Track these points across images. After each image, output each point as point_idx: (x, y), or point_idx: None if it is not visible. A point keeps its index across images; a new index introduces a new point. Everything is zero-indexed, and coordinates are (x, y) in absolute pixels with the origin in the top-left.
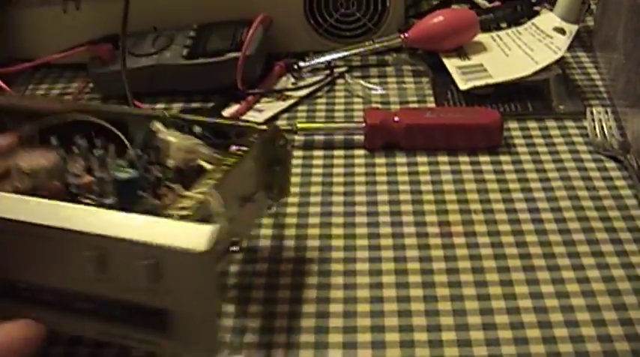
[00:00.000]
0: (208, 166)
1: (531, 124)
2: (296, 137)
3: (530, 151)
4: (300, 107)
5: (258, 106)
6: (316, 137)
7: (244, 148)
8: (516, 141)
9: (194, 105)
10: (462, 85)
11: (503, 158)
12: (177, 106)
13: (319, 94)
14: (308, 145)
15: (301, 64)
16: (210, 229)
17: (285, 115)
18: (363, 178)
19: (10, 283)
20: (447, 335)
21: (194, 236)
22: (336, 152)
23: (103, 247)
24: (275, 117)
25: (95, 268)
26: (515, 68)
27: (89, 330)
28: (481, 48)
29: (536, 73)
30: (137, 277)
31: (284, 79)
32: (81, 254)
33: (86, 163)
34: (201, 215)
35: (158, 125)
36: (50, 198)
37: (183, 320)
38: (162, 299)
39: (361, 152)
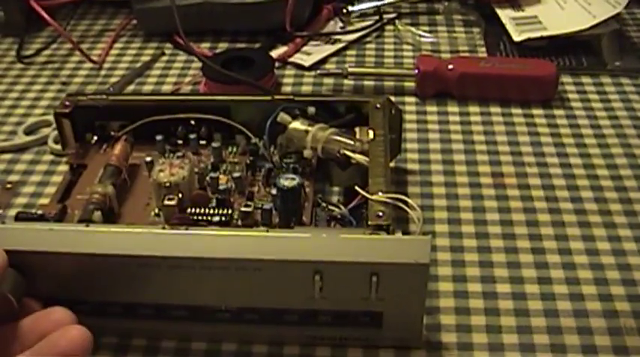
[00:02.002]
0: (359, 157)
1: (585, 80)
2: (345, 81)
3: (585, 106)
4: (348, 52)
5: (305, 48)
6: (366, 82)
7: (379, 132)
8: (570, 96)
9: (239, 45)
10: (516, 36)
11: (557, 112)
12: (222, 46)
13: (368, 39)
14: (357, 90)
15: (350, 8)
16: (427, 241)
17: (334, 59)
18: (414, 126)
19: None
20: (502, 287)
21: (414, 250)
22: None
23: (321, 270)
24: (323, 60)
25: (312, 288)
26: (571, 21)
27: (293, 337)
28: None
29: (593, 27)
30: (356, 291)
31: (332, 22)
32: (297, 279)
33: (215, 161)
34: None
35: (285, 116)
36: (198, 206)
37: (395, 317)
38: (376, 304)
39: (412, 99)
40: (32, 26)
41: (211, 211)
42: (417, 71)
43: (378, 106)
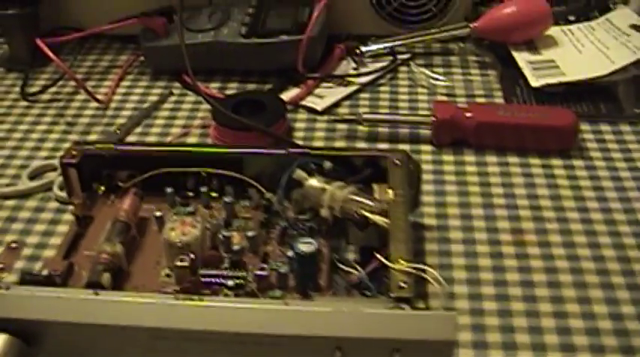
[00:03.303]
0: (378, 219)
1: (604, 128)
2: (360, 127)
3: (605, 156)
4: (362, 95)
5: (318, 91)
6: (380, 129)
7: (399, 192)
8: (589, 145)
9: (250, 86)
10: (534, 82)
11: (576, 163)
12: (232, 86)
13: (382, 81)
14: (372, 137)
15: (363, 48)
16: (453, 317)
17: (347, 102)
18: (431, 177)
19: None
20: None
21: (439, 326)
22: (401, 146)
23: (343, 346)
24: (336, 104)
25: None
26: (590, 67)
27: None
28: (552, 42)
29: (611, 73)
30: None
31: (344, 63)
32: (316, 354)
33: (227, 216)
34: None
35: (301, 173)
36: (211, 267)
37: None
38: None
39: (428, 148)
40: (37, 61)
41: (225, 273)
42: (433, 119)
43: (397, 161)
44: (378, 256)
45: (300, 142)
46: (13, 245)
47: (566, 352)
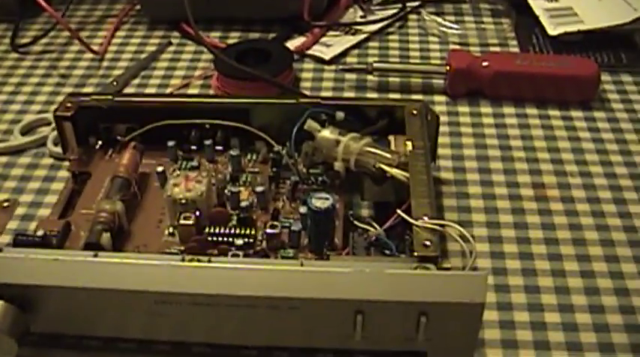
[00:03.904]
0: (397, 173)
1: (625, 78)
2: (369, 77)
3: (627, 108)
4: (370, 44)
5: (324, 39)
6: (391, 79)
7: (418, 143)
8: (610, 96)
9: (252, 35)
10: (551, 30)
11: (597, 114)
12: (234, 36)
13: (391, 30)
14: (382, 87)
15: None
16: (484, 278)
17: (355, 51)
18: (446, 129)
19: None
20: (550, 317)
21: (468, 288)
22: (413, 97)
23: (364, 310)
24: (344, 53)
25: (352, 328)
26: (610, 14)
27: None
28: None
29: (633, 21)
30: (401, 330)
31: (351, 11)
32: (335, 318)
33: (234, 171)
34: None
35: (313, 123)
36: (218, 225)
37: (441, 353)
38: (421, 344)
39: (442, 98)
40: (27, 11)
41: (232, 231)
42: (448, 68)
43: (415, 112)
44: (400, 212)
45: (308, 93)
46: (5, 204)
47: (594, 314)
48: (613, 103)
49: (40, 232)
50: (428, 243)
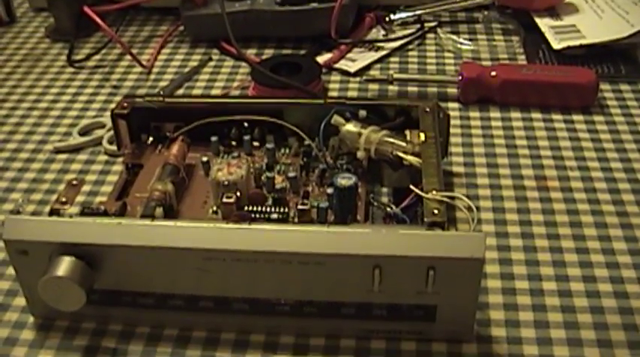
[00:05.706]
0: (411, 158)
1: (624, 87)
2: (390, 87)
3: (624, 113)
4: (391, 59)
5: (350, 55)
6: (410, 88)
7: (430, 134)
8: (609, 103)
9: (285, 51)
10: (555, 45)
11: (596, 118)
12: (268, 52)
13: (410, 47)
14: (402, 96)
15: (392, 16)
16: (482, 237)
17: (378, 65)
18: (458, 130)
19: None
20: (548, 285)
21: (470, 245)
22: None
23: (381, 264)
24: (367, 67)
25: (371, 282)
26: (610, 30)
27: (349, 330)
28: (573, 9)
29: (631, 35)
30: (413, 284)
31: (374, 30)
32: (356, 273)
33: (269, 162)
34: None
35: (338, 118)
36: (255, 205)
37: (449, 311)
38: (431, 298)
39: (455, 105)
40: (81, 32)
41: (268, 209)
42: (460, 77)
43: (428, 109)
44: (412, 187)
45: None
46: (74, 182)
47: (587, 283)
48: (612, 109)
49: (101, 208)
50: (436, 211)
